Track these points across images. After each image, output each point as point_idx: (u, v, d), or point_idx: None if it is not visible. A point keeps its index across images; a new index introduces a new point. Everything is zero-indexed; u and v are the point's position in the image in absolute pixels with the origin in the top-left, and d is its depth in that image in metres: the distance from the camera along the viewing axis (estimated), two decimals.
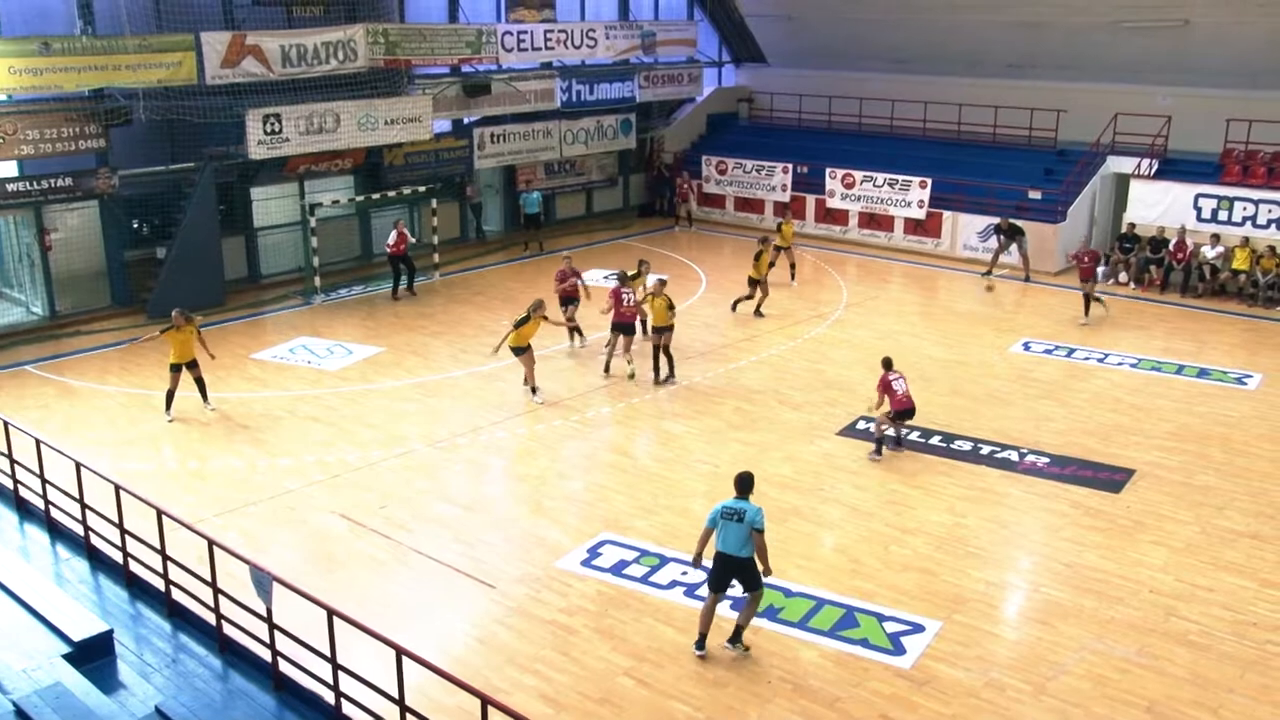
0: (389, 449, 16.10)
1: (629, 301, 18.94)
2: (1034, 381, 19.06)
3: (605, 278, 25.96)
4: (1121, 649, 11.08)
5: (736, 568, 10.83)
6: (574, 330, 20.64)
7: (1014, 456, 15.84)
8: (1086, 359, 20.24)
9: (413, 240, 24.85)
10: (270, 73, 23.23)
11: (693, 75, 33.98)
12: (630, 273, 20.42)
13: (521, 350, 17.93)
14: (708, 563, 11.14)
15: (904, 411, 15.73)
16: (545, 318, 18.24)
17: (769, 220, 31.07)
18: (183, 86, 22.10)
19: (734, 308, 23.06)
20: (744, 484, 10.92)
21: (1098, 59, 27.95)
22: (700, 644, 10.99)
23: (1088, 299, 22.55)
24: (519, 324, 17.87)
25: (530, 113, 29.65)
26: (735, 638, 11.08)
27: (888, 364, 16.06)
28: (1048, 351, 20.69)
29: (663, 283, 19.36)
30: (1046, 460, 15.70)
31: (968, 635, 11.36)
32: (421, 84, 26.62)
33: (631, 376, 18.90)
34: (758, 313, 22.73)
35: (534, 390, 18.08)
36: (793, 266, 25.71)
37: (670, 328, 18.88)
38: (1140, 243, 25.69)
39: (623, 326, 19.02)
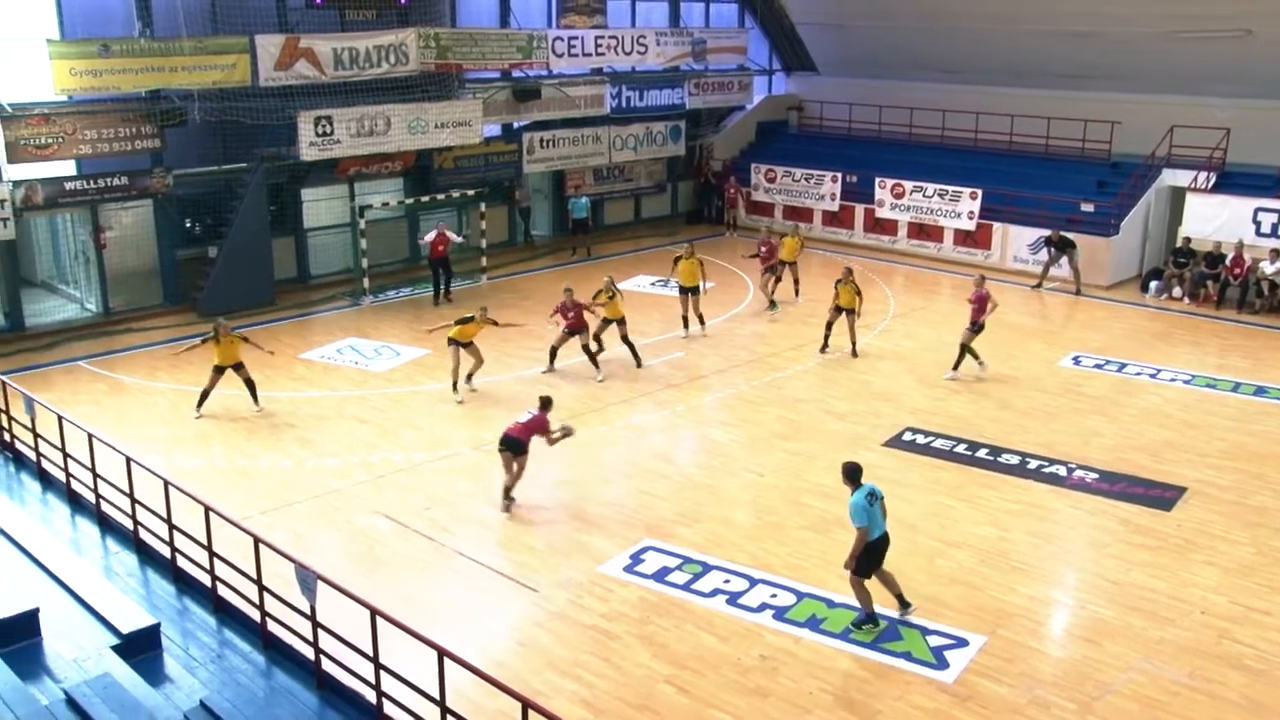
0: (433, 451, 16.17)
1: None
2: (1083, 396, 18.80)
3: (653, 284, 26.02)
4: (1171, 671, 10.88)
5: (885, 545, 11.56)
6: (592, 355, 19.67)
7: (1062, 471, 15.63)
8: (1138, 374, 19.94)
9: (458, 240, 24.87)
10: (322, 75, 23.46)
11: (743, 83, 33.91)
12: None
13: (464, 344, 18.25)
14: None
15: (507, 439, 14.16)
16: (493, 322, 18.58)
17: (818, 229, 30.94)
18: (237, 88, 22.39)
19: (852, 351, 20.82)
20: (860, 471, 11.61)
21: (1154, 69, 27.52)
22: (874, 618, 11.60)
23: (968, 350, 19.56)
24: (461, 321, 18.26)
25: (580, 118, 29.72)
26: (904, 604, 11.80)
27: (545, 404, 14.52)
28: (1098, 366, 20.41)
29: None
30: (1095, 476, 15.47)
31: (1012, 651, 11.22)
32: (472, 88, 26.76)
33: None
34: (824, 348, 20.86)
35: (465, 382, 18.49)
36: (796, 283, 24.77)
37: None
38: (1196, 257, 25.28)
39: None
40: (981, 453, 16.27)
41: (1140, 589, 12.44)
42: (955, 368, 19.49)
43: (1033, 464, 15.86)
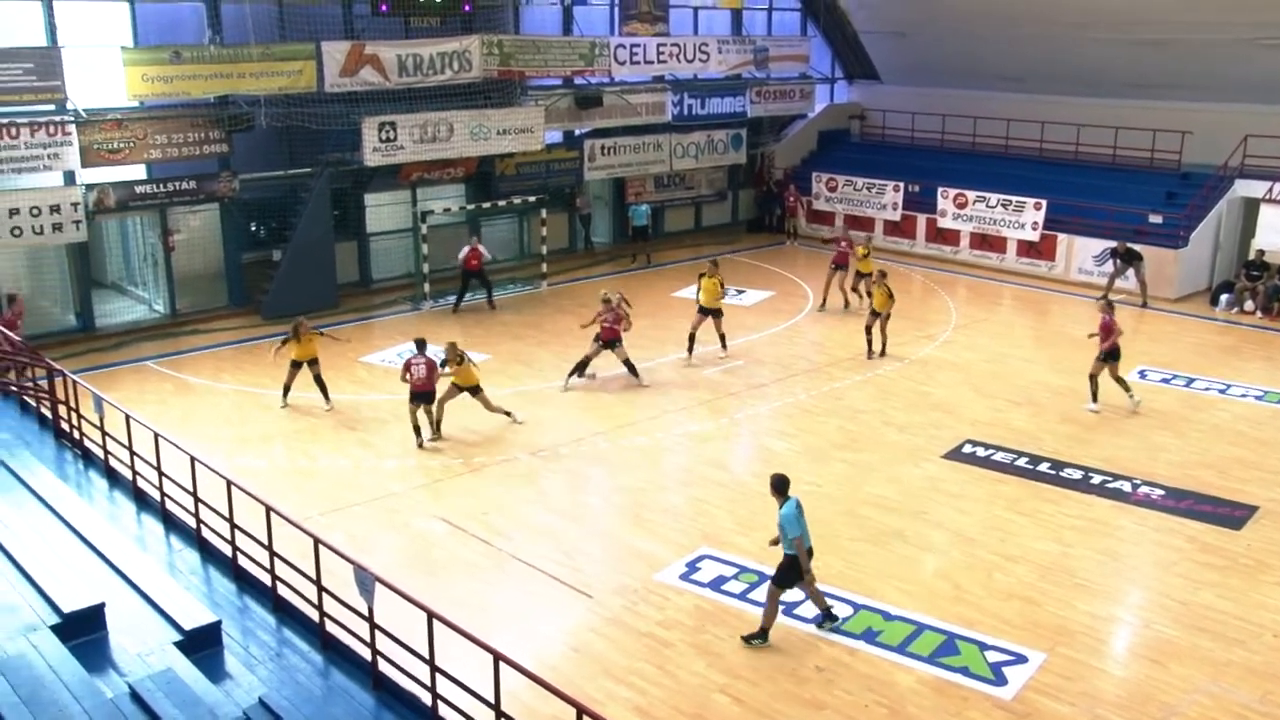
0: (491, 455, 16.25)
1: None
2: (1150, 411, 18.43)
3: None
4: (1241, 694, 10.61)
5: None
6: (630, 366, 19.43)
7: (1126, 487, 15.34)
8: (1207, 389, 19.52)
9: (489, 258, 24.56)
10: (387, 81, 23.72)
11: (804, 91, 33.77)
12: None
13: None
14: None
15: (418, 394, 16.45)
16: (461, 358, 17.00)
17: (879, 238, 30.63)
18: (302, 94, 22.70)
19: (881, 351, 21.13)
20: (788, 484, 11.52)
21: (1228, 78, 26.90)
22: (766, 636, 11.42)
23: (1109, 381, 18.35)
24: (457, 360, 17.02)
25: (641, 125, 29.75)
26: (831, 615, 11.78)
27: (419, 345, 16.76)
28: (1165, 380, 20.02)
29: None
30: (1161, 492, 15.16)
31: (1073, 669, 11.02)
32: (534, 95, 26.92)
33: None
34: (870, 354, 21.02)
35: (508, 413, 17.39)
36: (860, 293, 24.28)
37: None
38: (1269, 270, 24.72)
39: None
40: (1043, 466, 16.02)
41: (1208, 609, 12.17)
42: (1094, 399, 18.35)
43: (1096, 479, 15.58)
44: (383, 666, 8.88)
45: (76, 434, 13.72)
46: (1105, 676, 11.00)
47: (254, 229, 23.94)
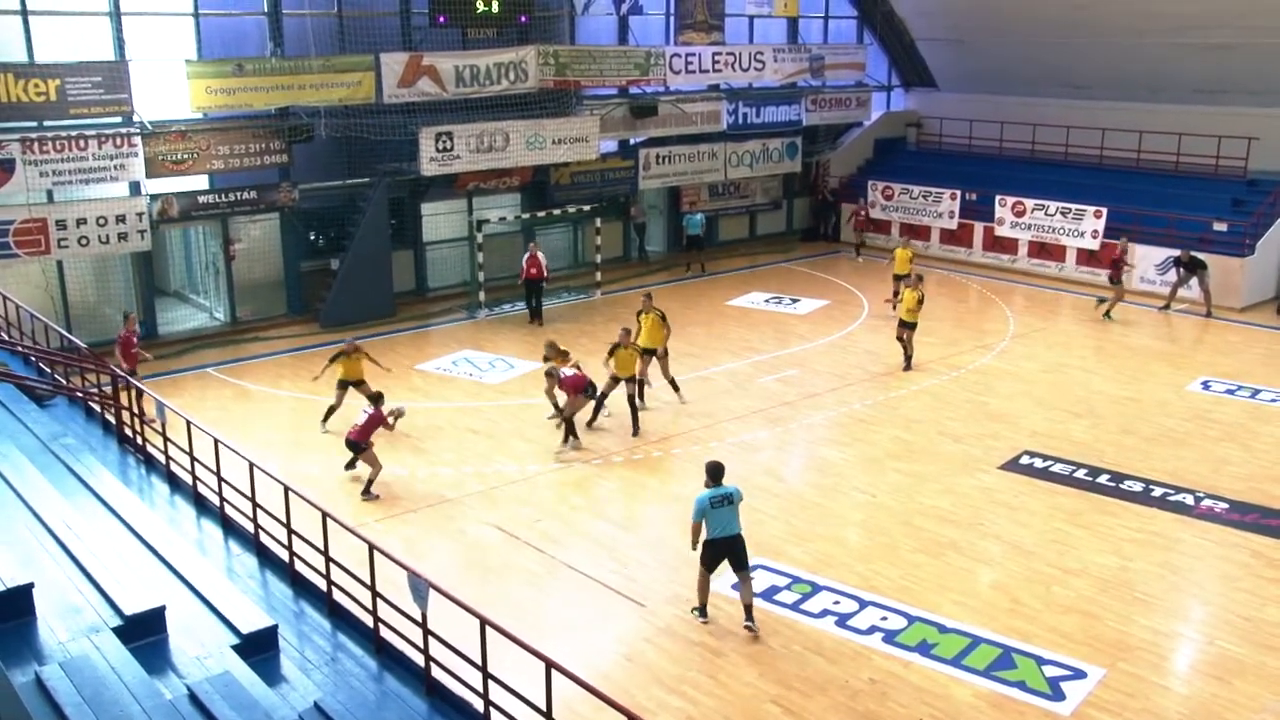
0: (545, 463, 16.31)
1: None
2: (1213, 422, 18.09)
3: (766, 301, 25.91)
4: None
5: (729, 547, 11.67)
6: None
7: (1189, 500, 15.05)
8: (1273, 400, 19.11)
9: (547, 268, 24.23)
10: (444, 92, 23.95)
11: (861, 99, 33.59)
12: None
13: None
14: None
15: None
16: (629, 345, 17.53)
17: (934, 247, 30.40)
18: (361, 105, 22.99)
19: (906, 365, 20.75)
20: (720, 471, 11.79)
21: None
22: (703, 612, 11.99)
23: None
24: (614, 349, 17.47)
25: (696, 134, 29.78)
26: (750, 617, 11.79)
27: (377, 399, 16.06)
28: (1229, 391, 19.62)
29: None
30: (1225, 506, 14.86)
31: (1133, 685, 10.82)
32: (589, 105, 27.02)
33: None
34: (907, 366, 20.69)
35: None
36: (896, 295, 23.19)
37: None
38: None
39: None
40: (1103, 479, 15.77)
41: (1275, 626, 11.90)
42: None
43: (1157, 492, 15.31)
44: (436, 672, 8.93)
45: (140, 439, 13.97)
46: (1167, 694, 10.79)
47: (313, 238, 24.26)
